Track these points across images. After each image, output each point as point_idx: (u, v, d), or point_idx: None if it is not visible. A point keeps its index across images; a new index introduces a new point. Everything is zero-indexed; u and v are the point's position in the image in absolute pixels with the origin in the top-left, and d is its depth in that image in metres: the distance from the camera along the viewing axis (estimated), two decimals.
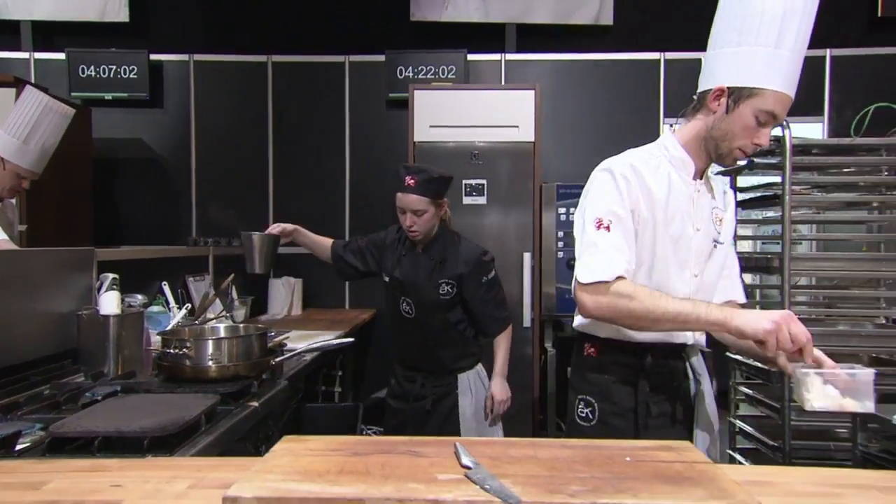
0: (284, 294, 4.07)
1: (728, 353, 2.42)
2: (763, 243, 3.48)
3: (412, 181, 2.13)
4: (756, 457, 2.22)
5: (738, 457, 2.30)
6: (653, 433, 1.51)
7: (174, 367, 1.68)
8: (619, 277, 1.41)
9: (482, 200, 3.37)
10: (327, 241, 2.49)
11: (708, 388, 1.61)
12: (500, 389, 2.35)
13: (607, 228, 1.44)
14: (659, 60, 4.51)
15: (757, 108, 1.38)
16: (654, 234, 1.48)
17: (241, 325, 2.01)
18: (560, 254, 3.42)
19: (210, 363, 1.69)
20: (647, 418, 1.55)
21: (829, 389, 1.22)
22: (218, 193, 4.61)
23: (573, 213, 3.38)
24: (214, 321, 2.36)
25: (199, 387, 1.63)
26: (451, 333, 2.29)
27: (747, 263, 2.27)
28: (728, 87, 1.41)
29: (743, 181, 2.42)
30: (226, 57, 4.61)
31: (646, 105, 4.50)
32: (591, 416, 1.60)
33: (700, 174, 1.55)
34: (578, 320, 1.63)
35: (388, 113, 4.52)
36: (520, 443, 1.12)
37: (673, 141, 1.53)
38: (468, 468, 0.97)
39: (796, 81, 1.41)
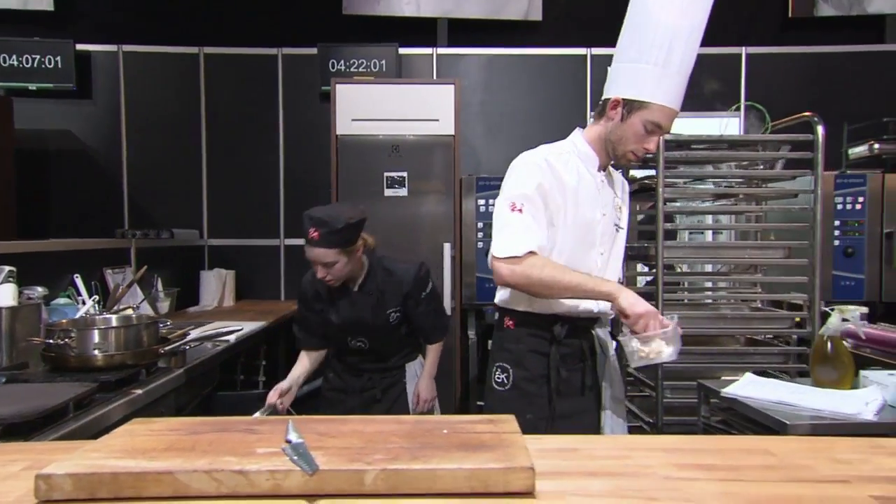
0: (215, 286, 4.08)
1: (618, 338, 2.56)
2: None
3: (315, 234, 2.00)
4: (640, 433, 2.37)
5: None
6: (565, 400, 1.72)
7: (59, 357, 1.72)
8: (531, 253, 1.60)
9: (403, 192, 3.44)
10: (305, 358, 2.37)
11: (614, 359, 1.78)
12: (427, 389, 2.42)
13: (520, 211, 1.64)
14: (586, 55, 4.64)
15: (646, 119, 1.61)
16: (565, 218, 1.68)
17: (134, 316, 2.04)
18: (480, 244, 3.52)
19: (95, 352, 1.73)
20: (559, 385, 1.73)
21: (648, 347, 1.40)
22: (151, 186, 4.57)
23: (493, 205, 3.50)
24: (122, 313, 2.38)
25: (83, 376, 1.67)
26: (402, 343, 2.38)
27: (630, 252, 2.40)
28: (623, 99, 1.63)
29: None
30: (156, 48, 4.56)
31: (573, 98, 4.63)
32: (505, 382, 1.77)
33: (603, 168, 1.77)
34: (499, 296, 1.81)
35: (322, 106, 4.53)
36: (353, 419, 1.21)
37: (580, 139, 1.76)
38: (289, 442, 1.05)
39: (682, 96, 1.64)
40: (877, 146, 3.78)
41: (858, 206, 3.54)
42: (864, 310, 1.82)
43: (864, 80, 4.56)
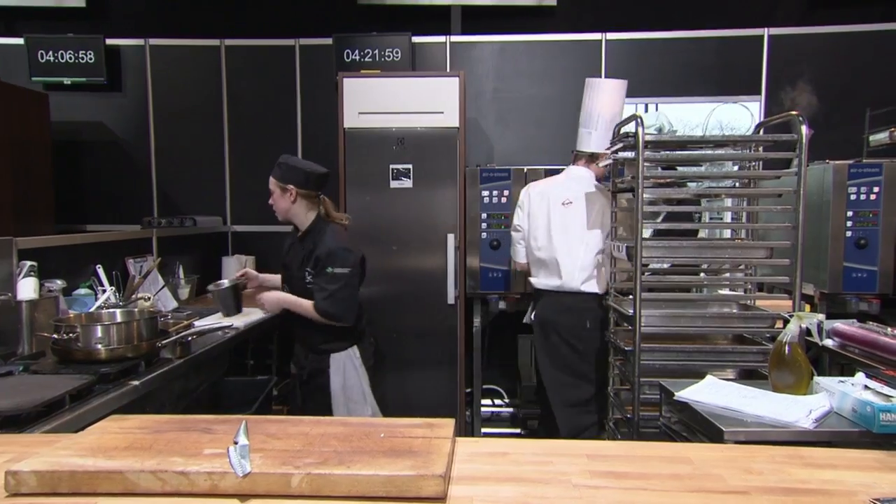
0: (236, 270, 4.25)
1: (607, 331, 2.60)
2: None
3: (274, 168, 2.52)
4: (623, 426, 2.42)
5: (611, 426, 2.50)
6: None
7: (66, 350, 1.88)
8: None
9: (409, 184, 3.52)
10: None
11: None
12: (270, 300, 2.55)
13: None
14: (601, 41, 4.57)
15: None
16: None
17: (137, 311, 2.20)
18: (484, 234, 3.57)
19: (98, 346, 1.88)
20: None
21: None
22: (177, 175, 4.77)
23: (496, 196, 3.55)
24: (130, 306, 2.55)
25: (86, 368, 1.83)
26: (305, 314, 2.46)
27: (615, 251, 2.43)
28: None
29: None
30: (180, 41, 4.71)
31: None
32: None
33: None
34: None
35: (337, 96, 4.62)
36: (306, 420, 1.32)
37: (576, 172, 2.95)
38: (236, 443, 1.16)
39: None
40: None
41: (873, 196, 3.44)
42: (822, 316, 1.82)
43: (893, 61, 4.36)
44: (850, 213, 3.44)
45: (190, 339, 2.20)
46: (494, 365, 4.34)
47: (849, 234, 3.45)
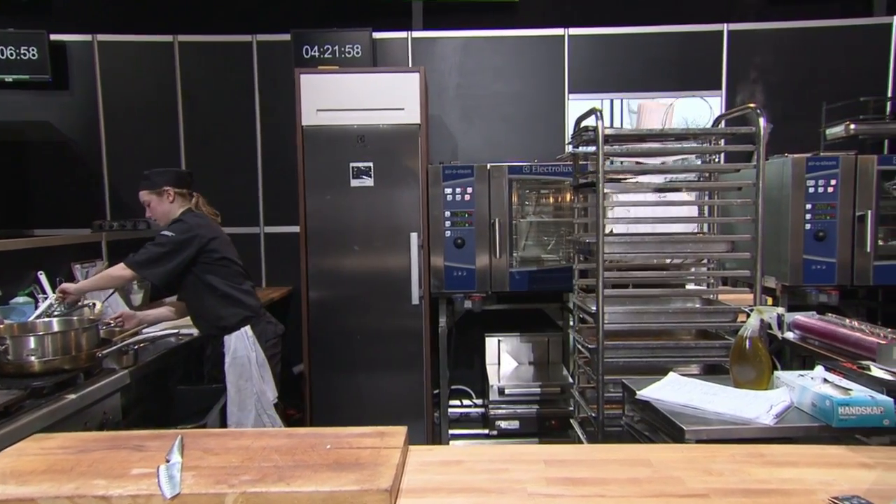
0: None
1: (569, 330, 2.57)
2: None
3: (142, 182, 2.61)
4: (589, 424, 2.39)
5: (575, 425, 2.47)
6: None
7: None
8: None
9: (370, 182, 3.44)
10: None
11: None
12: (70, 287, 2.45)
13: None
14: (563, 36, 4.56)
15: None
16: None
17: (76, 319, 2.08)
18: (448, 233, 3.51)
19: (31, 359, 1.77)
20: None
21: None
22: (130, 176, 4.56)
23: (459, 193, 3.49)
24: (87, 310, 2.42)
25: (19, 382, 1.71)
26: (198, 298, 2.52)
27: (576, 247, 2.40)
28: None
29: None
30: (131, 37, 4.54)
31: (551, 79, 4.56)
32: None
33: None
34: None
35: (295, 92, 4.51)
36: (248, 433, 1.24)
37: None
38: (168, 461, 1.08)
39: None
40: (853, 126, 3.71)
41: (831, 189, 3.49)
42: (782, 310, 1.81)
43: (850, 56, 4.45)
44: (808, 206, 3.48)
45: (136, 347, 2.09)
46: (462, 365, 4.29)
47: (808, 226, 3.49)
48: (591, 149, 2.18)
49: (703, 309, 2.28)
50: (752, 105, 2.10)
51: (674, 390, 1.60)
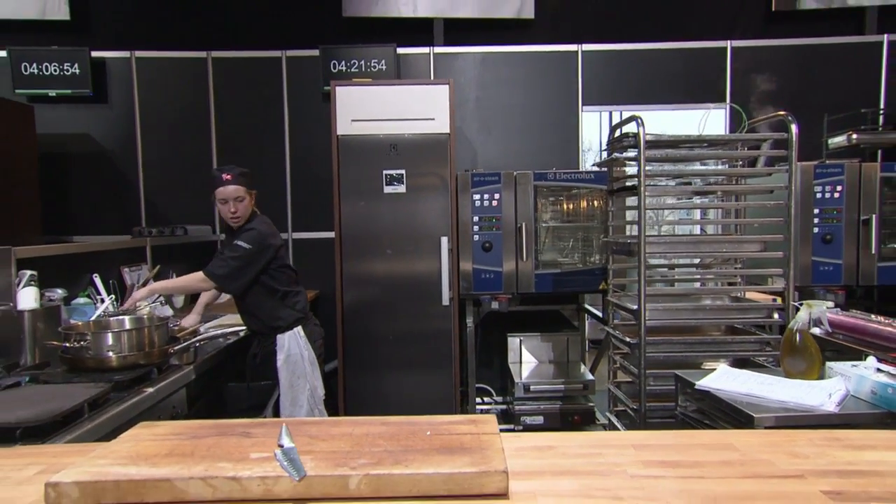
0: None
1: (606, 328, 2.57)
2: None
3: (229, 176, 2.45)
4: (625, 417, 2.39)
5: (613, 418, 2.47)
6: None
7: (76, 359, 1.75)
8: None
9: (402, 189, 3.44)
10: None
11: None
12: (142, 293, 2.42)
13: None
14: (577, 52, 4.59)
15: None
16: None
17: (146, 317, 2.07)
18: (476, 237, 3.51)
19: (110, 354, 1.75)
20: None
21: None
22: (165, 185, 4.58)
23: (487, 199, 3.49)
24: (138, 313, 2.40)
25: (98, 376, 1.70)
26: (257, 299, 2.48)
27: (615, 247, 2.40)
28: None
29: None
30: (166, 53, 4.54)
31: (565, 94, 4.58)
32: None
33: None
34: None
35: (324, 105, 4.51)
36: (343, 421, 1.23)
37: None
38: (281, 447, 1.07)
39: None
40: (854, 136, 3.75)
41: (836, 195, 3.52)
42: (830, 304, 1.82)
43: (845, 71, 4.49)
44: (816, 211, 3.51)
45: (198, 344, 2.08)
46: (482, 364, 4.28)
47: (816, 230, 3.51)
48: (632, 153, 2.19)
49: (738, 305, 2.29)
50: (782, 112, 2.12)
51: (729, 381, 1.60)
